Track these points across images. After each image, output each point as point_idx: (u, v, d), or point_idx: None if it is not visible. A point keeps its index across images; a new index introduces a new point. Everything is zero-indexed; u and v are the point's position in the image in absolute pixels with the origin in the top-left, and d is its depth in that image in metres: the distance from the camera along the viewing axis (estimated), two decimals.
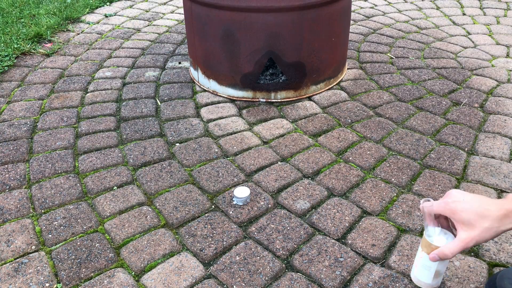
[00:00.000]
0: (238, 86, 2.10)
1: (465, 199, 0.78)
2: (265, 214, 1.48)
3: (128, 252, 1.36)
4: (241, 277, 1.27)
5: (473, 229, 0.75)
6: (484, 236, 0.75)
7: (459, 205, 0.77)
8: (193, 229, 1.43)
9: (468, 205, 0.77)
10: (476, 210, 0.75)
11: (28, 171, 1.71)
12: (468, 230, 0.75)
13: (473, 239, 0.75)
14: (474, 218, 0.75)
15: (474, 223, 0.75)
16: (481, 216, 0.75)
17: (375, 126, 1.92)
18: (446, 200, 0.80)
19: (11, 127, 1.97)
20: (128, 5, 3.42)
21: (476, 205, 0.76)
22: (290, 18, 1.91)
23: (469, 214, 0.76)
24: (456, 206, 0.78)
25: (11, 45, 2.63)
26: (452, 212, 0.78)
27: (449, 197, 0.80)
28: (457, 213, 0.77)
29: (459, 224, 0.77)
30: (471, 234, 0.75)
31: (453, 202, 0.79)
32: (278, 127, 1.93)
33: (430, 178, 1.63)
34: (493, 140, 1.82)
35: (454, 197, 0.80)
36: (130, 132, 1.92)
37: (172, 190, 1.59)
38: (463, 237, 0.76)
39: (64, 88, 2.29)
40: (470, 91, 2.16)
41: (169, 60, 2.55)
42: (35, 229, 1.45)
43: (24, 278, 1.28)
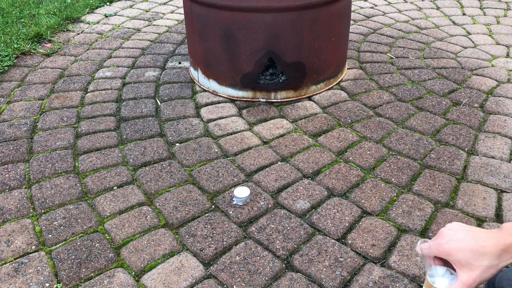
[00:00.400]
0: (238, 86, 2.10)
1: (459, 237, 0.74)
2: (265, 214, 1.48)
3: (128, 252, 1.36)
4: (241, 277, 1.27)
5: (472, 270, 0.71)
6: (485, 276, 0.72)
7: (453, 245, 0.73)
8: (193, 229, 1.43)
9: (463, 244, 0.73)
10: (472, 248, 0.72)
11: (28, 171, 1.71)
12: (467, 271, 0.72)
13: (475, 280, 0.71)
14: (472, 257, 0.71)
15: (473, 262, 0.71)
16: (478, 254, 0.71)
17: (375, 126, 1.92)
18: (439, 241, 0.76)
19: (11, 127, 1.97)
20: (128, 5, 3.42)
21: (472, 242, 0.72)
22: (290, 18, 1.91)
23: (465, 253, 0.72)
24: (450, 246, 0.74)
25: (11, 45, 2.63)
26: (447, 253, 0.74)
27: (441, 237, 0.76)
28: (452, 254, 0.73)
29: (457, 265, 0.73)
30: (472, 275, 0.71)
31: (446, 242, 0.74)
32: (278, 127, 1.93)
33: (430, 178, 1.63)
34: (493, 140, 1.82)
35: (446, 236, 0.75)
36: (130, 132, 1.92)
37: (172, 190, 1.59)
38: (464, 279, 0.72)
39: (64, 88, 2.29)
40: (470, 91, 2.16)
41: (169, 60, 2.55)
42: (35, 229, 1.45)
43: (24, 278, 1.28)
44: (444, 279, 0.79)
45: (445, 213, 1.47)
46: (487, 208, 1.49)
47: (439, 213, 1.47)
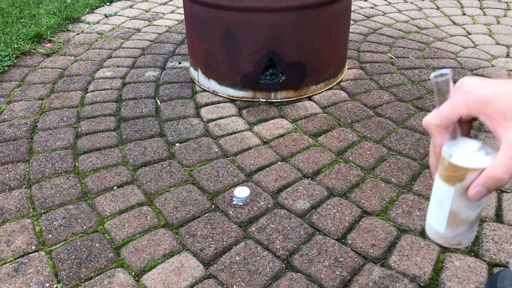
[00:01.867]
0: (238, 86, 2.10)
1: (491, 84, 0.47)
2: (265, 214, 1.48)
3: (128, 252, 1.36)
4: (241, 277, 1.27)
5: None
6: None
7: (490, 91, 0.46)
8: (193, 229, 1.43)
9: (503, 88, 0.46)
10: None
11: (28, 171, 1.71)
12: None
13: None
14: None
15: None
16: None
17: (375, 126, 1.92)
18: (465, 89, 0.48)
19: (11, 127, 1.97)
20: (128, 5, 3.42)
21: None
22: (290, 18, 1.91)
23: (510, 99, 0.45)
24: (486, 93, 0.46)
25: (11, 45, 2.63)
26: (482, 104, 0.46)
27: (465, 86, 0.49)
28: (490, 103, 0.46)
29: (498, 120, 0.45)
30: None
31: (477, 89, 0.47)
32: (278, 127, 1.93)
33: (430, 178, 1.62)
34: (493, 140, 1.82)
35: (472, 85, 0.48)
36: (130, 132, 1.92)
37: (172, 190, 1.59)
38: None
39: (64, 88, 2.29)
40: None
41: (169, 60, 2.55)
42: (35, 229, 1.45)
43: (24, 278, 1.28)
44: (476, 155, 0.49)
45: None
46: (487, 208, 1.49)
47: None
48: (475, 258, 1.31)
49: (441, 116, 0.49)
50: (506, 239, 1.37)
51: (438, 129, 0.50)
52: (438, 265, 1.29)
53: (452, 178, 0.49)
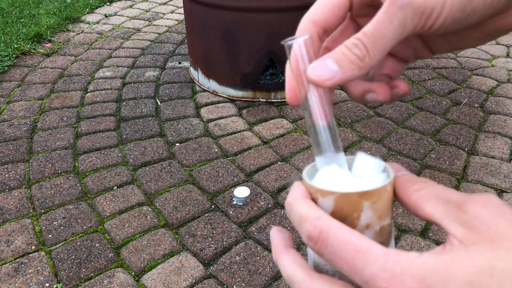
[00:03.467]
0: (238, 86, 2.10)
1: None
2: (265, 214, 1.48)
3: (128, 252, 1.36)
4: (241, 277, 1.27)
5: None
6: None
7: None
8: (193, 229, 1.43)
9: None
10: None
11: (28, 171, 1.70)
12: None
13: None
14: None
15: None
16: None
17: (375, 126, 1.92)
18: None
19: (11, 127, 1.97)
20: (128, 5, 3.42)
21: None
22: (290, 18, 1.91)
23: None
24: None
25: (11, 45, 2.63)
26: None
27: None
28: None
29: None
30: None
31: None
32: (278, 127, 1.93)
33: (430, 178, 1.62)
34: (493, 140, 1.82)
35: None
36: (130, 132, 1.92)
37: (172, 190, 1.59)
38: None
39: (64, 88, 2.28)
40: (470, 91, 2.16)
41: (169, 60, 2.54)
42: (35, 229, 1.44)
43: (24, 278, 1.28)
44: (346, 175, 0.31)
45: None
46: None
47: None
48: None
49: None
50: None
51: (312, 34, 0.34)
52: None
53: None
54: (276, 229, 0.32)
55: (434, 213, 0.27)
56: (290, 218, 0.30)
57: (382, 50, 0.29)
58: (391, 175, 0.30)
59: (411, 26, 0.28)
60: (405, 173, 0.31)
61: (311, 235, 0.27)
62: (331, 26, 0.34)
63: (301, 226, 0.28)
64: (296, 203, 0.29)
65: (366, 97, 0.35)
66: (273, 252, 0.31)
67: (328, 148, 0.32)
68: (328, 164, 0.32)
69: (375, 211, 0.29)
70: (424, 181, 0.29)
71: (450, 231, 0.26)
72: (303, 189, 0.30)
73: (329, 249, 0.26)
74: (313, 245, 0.27)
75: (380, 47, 0.28)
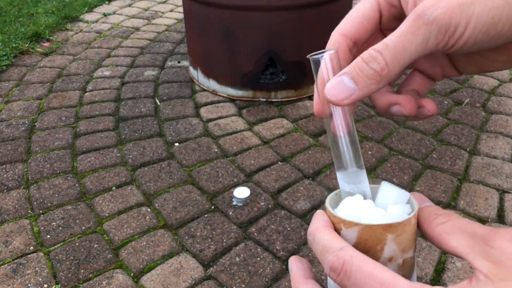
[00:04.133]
0: (238, 86, 2.08)
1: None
2: (265, 215, 1.47)
3: (127, 253, 1.34)
4: (241, 278, 1.25)
5: None
6: None
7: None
8: (193, 230, 1.42)
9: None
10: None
11: (26, 171, 1.69)
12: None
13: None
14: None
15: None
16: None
17: (376, 126, 1.91)
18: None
19: (9, 127, 1.96)
20: (127, 3, 3.41)
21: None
22: (290, 17, 1.89)
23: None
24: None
25: (9, 44, 2.61)
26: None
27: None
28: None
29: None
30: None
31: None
32: (278, 127, 1.92)
33: (431, 178, 1.61)
34: (495, 140, 1.81)
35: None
36: (129, 132, 1.91)
37: (171, 191, 1.58)
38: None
39: (63, 87, 2.27)
40: (472, 91, 2.15)
41: (168, 59, 2.53)
42: (34, 229, 1.43)
43: (22, 279, 1.26)
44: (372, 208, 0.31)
45: None
46: (489, 208, 1.48)
47: None
48: None
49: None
50: None
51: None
52: (439, 266, 1.28)
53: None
54: (295, 259, 0.32)
55: (459, 247, 0.27)
56: (312, 247, 0.29)
57: (402, 64, 0.28)
58: (415, 207, 0.30)
59: (434, 43, 0.28)
60: (429, 205, 0.31)
61: (334, 266, 0.26)
62: (361, 39, 0.34)
63: (324, 256, 0.27)
64: (319, 233, 0.29)
65: (391, 109, 0.35)
66: (292, 283, 0.30)
67: (350, 163, 0.32)
68: (348, 180, 0.33)
69: (398, 244, 0.28)
70: (448, 214, 0.29)
71: (476, 266, 0.25)
72: (326, 218, 0.30)
73: (352, 281, 0.26)
74: (335, 276, 0.26)
75: (400, 60, 0.28)
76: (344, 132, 0.33)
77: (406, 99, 0.34)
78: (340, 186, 0.33)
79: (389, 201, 0.31)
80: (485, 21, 0.27)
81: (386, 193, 0.31)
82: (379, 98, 0.35)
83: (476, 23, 0.27)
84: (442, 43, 0.28)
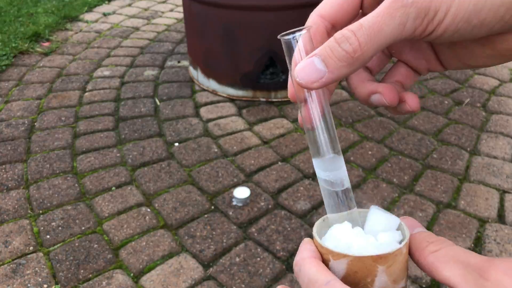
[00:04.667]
0: (238, 86, 2.08)
1: None
2: (265, 215, 1.47)
3: (126, 253, 1.34)
4: (241, 279, 1.25)
5: None
6: None
7: None
8: (193, 230, 1.41)
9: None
10: None
11: (26, 171, 1.69)
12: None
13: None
14: None
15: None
16: None
17: (376, 126, 1.91)
18: None
19: (8, 126, 1.95)
20: (127, 3, 3.40)
21: None
22: (290, 16, 1.89)
23: None
24: None
25: (9, 44, 2.61)
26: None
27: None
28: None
29: None
30: None
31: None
32: (278, 127, 1.92)
33: (432, 178, 1.61)
34: (495, 140, 1.81)
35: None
36: (128, 132, 1.90)
37: (171, 191, 1.57)
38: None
39: (62, 87, 2.27)
40: (472, 91, 2.15)
41: (168, 59, 2.53)
42: (33, 229, 1.43)
43: (22, 279, 1.26)
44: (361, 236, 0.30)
45: (447, 213, 1.46)
46: (489, 208, 1.47)
47: (441, 214, 1.46)
48: None
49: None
50: (509, 240, 1.35)
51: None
52: None
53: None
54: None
55: (453, 278, 0.25)
56: (298, 279, 0.28)
57: (376, 46, 0.27)
58: (406, 234, 0.28)
59: (411, 27, 0.26)
60: (421, 231, 0.29)
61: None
62: (340, 21, 0.32)
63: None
64: (305, 264, 0.27)
65: (372, 99, 0.33)
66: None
67: (326, 150, 0.31)
68: (324, 167, 0.31)
69: (390, 275, 0.27)
70: (441, 241, 0.27)
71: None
72: (313, 248, 0.29)
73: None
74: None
75: (375, 42, 0.26)
76: (319, 118, 0.31)
77: (387, 87, 0.32)
78: (317, 173, 0.32)
79: (379, 227, 0.29)
80: (467, 8, 0.25)
81: (375, 219, 0.30)
82: (359, 86, 0.33)
83: (457, 9, 0.26)
84: (420, 29, 0.26)
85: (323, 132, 0.31)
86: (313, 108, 0.31)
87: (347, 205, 0.31)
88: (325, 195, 0.31)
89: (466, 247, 1.33)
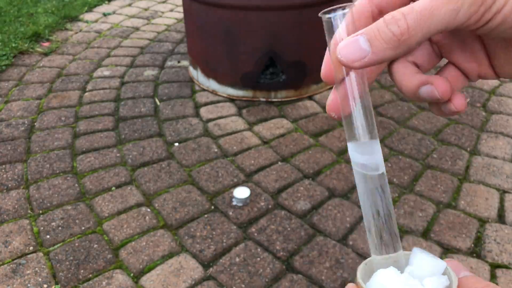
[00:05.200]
0: (238, 86, 2.08)
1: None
2: (265, 215, 1.47)
3: (126, 253, 1.34)
4: (241, 279, 1.25)
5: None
6: None
7: None
8: (192, 230, 1.41)
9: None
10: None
11: (26, 171, 1.69)
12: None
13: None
14: None
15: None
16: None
17: (376, 126, 1.91)
18: None
19: (8, 127, 1.95)
20: (127, 3, 3.40)
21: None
22: (290, 16, 1.89)
23: None
24: None
25: (9, 44, 2.61)
26: None
27: None
28: None
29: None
30: None
31: None
32: (278, 127, 1.92)
33: (432, 178, 1.61)
34: (495, 140, 1.81)
35: None
36: (128, 132, 1.90)
37: (171, 191, 1.57)
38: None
39: (62, 87, 2.27)
40: (472, 91, 2.15)
41: (168, 59, 2.53)
42: (33, 230, 1.43)
43: (22, 279, 1.26)
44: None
45: (447, 213, 1.46)
46: (489, 208, 1.47)
47: (441, 214, 1.46)
48: (477, 259, 1.29)
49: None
50: (509, 240, 1.35)
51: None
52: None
53: None
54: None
55: None
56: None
57: (425, 31, 0.25)
58: (453, 279, 0.27)
59: (465, 14, 0.25)
60: (468, 275, 0.28)
61: None
62: (389, 7, 0.30)
63: None
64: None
65: (421, 91, 0.30)
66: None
67: (363, 133, 0.30)
68: (360, 151, 0.30)
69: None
70: (488, 285, 0.27)
71: None
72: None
73: None
74: None
75: (424, 27, 0.25)
76: (356, 99, 0.29)
77: (440, 79, 0.30)
78: (352, 157, 0.31)
79: (425, 272, 0.28)
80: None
81: (420, 263, 0.28)
82: (407, 78, 0.31)
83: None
84: (475, 17, 0.25)
85: (360, 115, 0.30)
86: (352, 89, 0.30)
87: (392, 246, 0.29)
88: (361, 192, 0.31)
89: (466, 247, 1.33)
